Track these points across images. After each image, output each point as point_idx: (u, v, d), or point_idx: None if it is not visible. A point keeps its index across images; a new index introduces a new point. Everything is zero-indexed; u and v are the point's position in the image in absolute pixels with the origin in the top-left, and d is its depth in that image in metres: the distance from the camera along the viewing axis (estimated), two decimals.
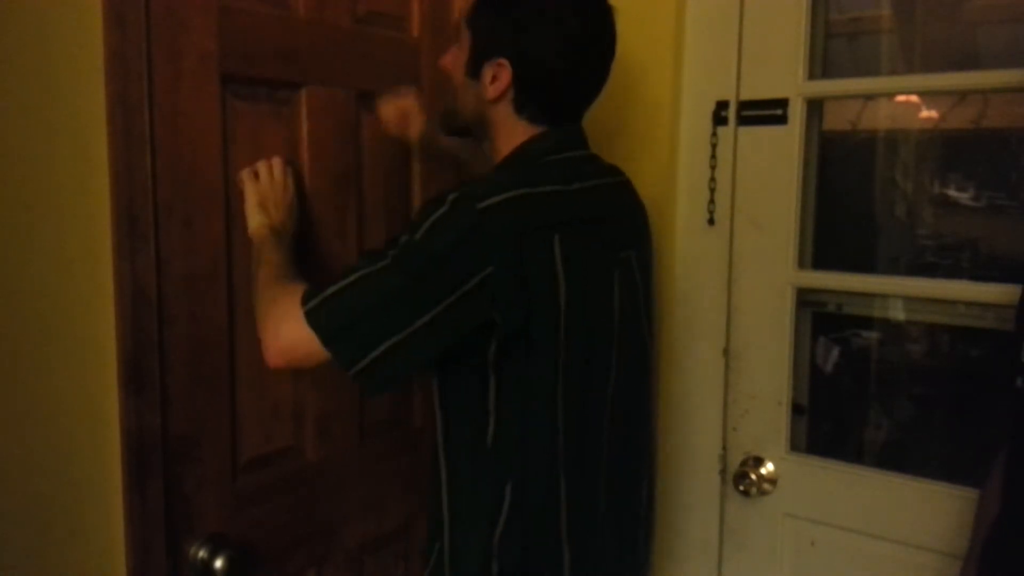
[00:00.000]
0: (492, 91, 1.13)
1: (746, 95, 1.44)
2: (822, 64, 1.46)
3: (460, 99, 1.19)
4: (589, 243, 1.11)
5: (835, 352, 1.83)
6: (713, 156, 1.47)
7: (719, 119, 1.47)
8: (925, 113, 1.43)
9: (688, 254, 1.54)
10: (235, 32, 1.16)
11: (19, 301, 1.18)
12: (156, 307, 1.10)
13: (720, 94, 1.46)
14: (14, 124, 1.14)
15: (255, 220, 1.17)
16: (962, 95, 1.39)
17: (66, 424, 1.15)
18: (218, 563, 1.15)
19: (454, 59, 1.19)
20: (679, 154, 1.52)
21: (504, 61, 1.11)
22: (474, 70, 1.15)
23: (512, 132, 1.15)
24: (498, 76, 1.12)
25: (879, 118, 1.53)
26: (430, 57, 1.46)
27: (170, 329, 1.12)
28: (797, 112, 1.40)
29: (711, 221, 1.49)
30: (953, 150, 1.46)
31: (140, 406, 1.09)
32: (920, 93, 1.34)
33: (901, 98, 1.49)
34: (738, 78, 1.45)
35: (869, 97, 1.54)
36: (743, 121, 1.45)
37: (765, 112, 1.43)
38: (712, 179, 1.47)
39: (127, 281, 1.07)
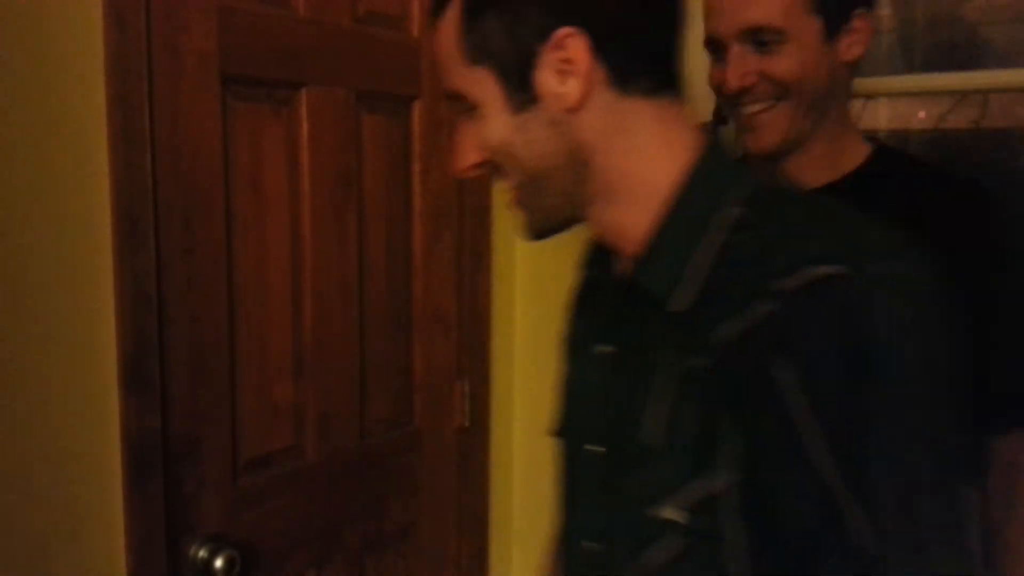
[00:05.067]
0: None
1: None
2: None
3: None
4: None
5: None
6: None
7: (720, 119, 1.47)
8: (925, 113, 1.42)
9: None
10: (235, 32, 1.16)
11: (19, 301, 1.18)
12: (156, 307, 1.10)
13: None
14: (14, 124, 1.14)
15: None
16: (962, 95, 1.39)
17: (66, 424, 1.15)
18: (218, 563, 1.15)
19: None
20: None
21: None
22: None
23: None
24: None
25: (879, 118, 1.53)
26: (430, 57, 1.46)
27: (170, 329, 1.12)
28: None
29: None
30: (953, 150, 1.46)
31: (140, 406, 1.09)
32: (920, 93, 1.34)
33: (900, 98, 1.49)
34: None
35: (869, 97, 1.54)
36: None
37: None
38: None
39: (127, 281, 1.07)
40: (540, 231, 0.72)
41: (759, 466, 0.59)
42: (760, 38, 0.99)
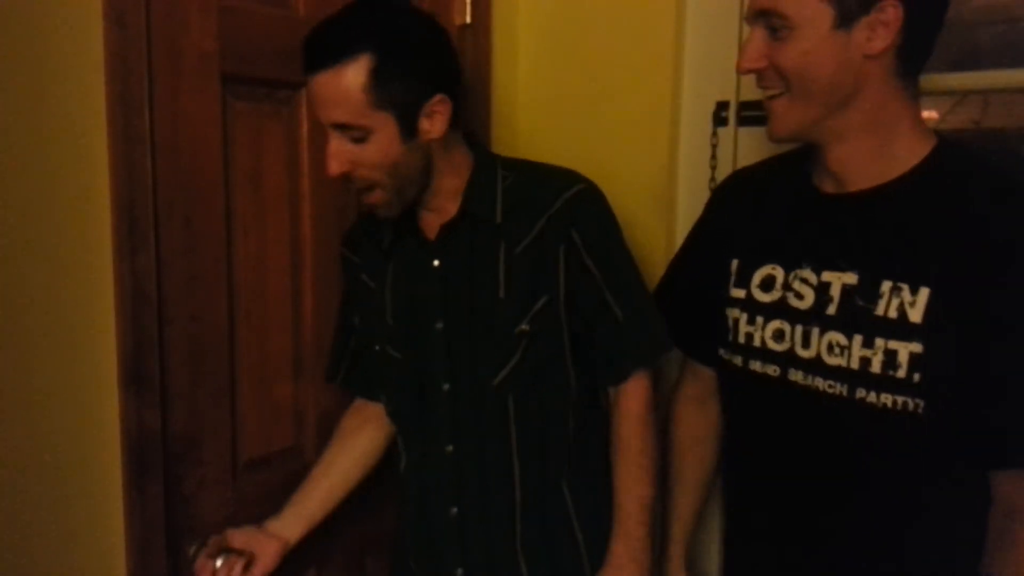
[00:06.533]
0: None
1: (746, 95, 1.43)
2: None
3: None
4: None
5: None
6: (713, 156, 1.47)
7: (719, 119, 1.47)
8: (925, 113, 1.43)
9: None
10: (235, 32, 1.16)
11: (19, 301, 1.18)
12: (156, 307, 1.10)
13: (720, 94, 1.46)
14: (14, 124, 1.14)
15: None
16: (962, 95, 1.39)
17: (66, 424, 1.15)
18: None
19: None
20: (679, 154, 1.52)
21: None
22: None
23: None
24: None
25: None
26: None
27: (170, 329, 1.12)
28: None
29: None
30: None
31: (140, 406, 1.09)
32: (920, 93, 1.34)
33: None
34: (738, 78, 1.44)
35: None
36: (743, 121, 1.45)
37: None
38: (712, 179, 1.47)
39: (127, 281, 1.07)
40: (397, 212, 1.15)
41: (568, 284, 1.16)
42: (771, 23, 0.97)
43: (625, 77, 1.51)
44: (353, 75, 1.04)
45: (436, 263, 1.19)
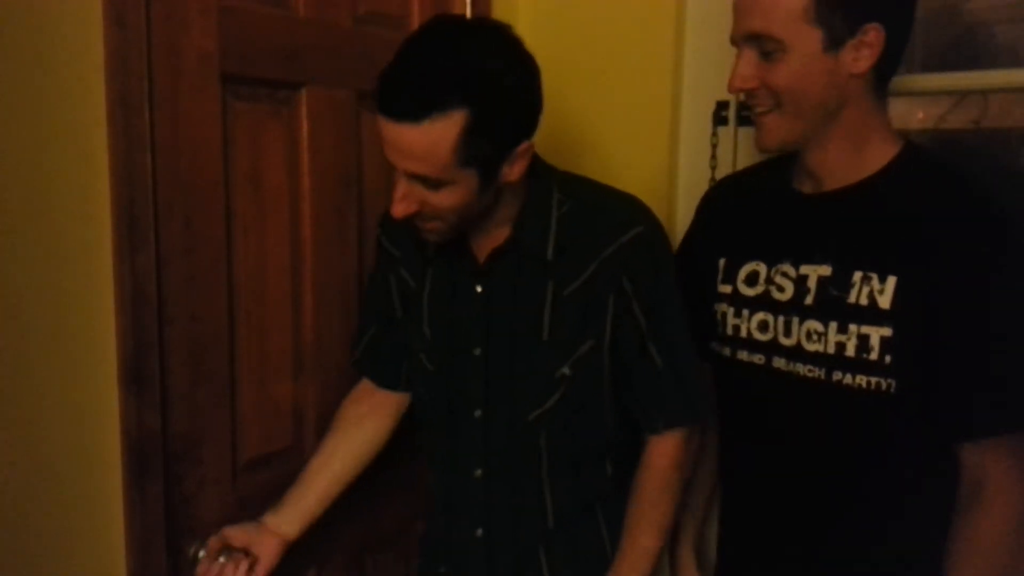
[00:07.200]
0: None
1: None
2: None
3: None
4: None
5: None
6: (713, 156, 1.48)
7: (719, 119, 1.47)
8: (925, 113, 1.43)
9: None
10: (235, 32, 1.16)
11: (19, 301, 1.18)
12: (156, 307, 1.10)
13: (720, 94, 1.46)
14: (14, 124, 1.14)
15: None
16: (962, 95, 1.39)
17: (66, 424, 1.15)
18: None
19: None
20: (679, 154, 1.52)
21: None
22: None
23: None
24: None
25: None
26: None
27: (170, 329, 1.12)
28: None
29: None
30: (953, 150, 1.46)
31: (140, 406, 1.09)
32: (920, 93, 1.34)
33: (900, 98, 1.49)
34: None
35: None
36: (743, 121, 1.45)
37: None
38: (712, 179, 1.47)
39: (127, 281, 1.07)
40: (447, 239, 1.10)
41: (616, 329, 1.12)
42: (763, 47, 1.02)
43: (625, 77, 1.51)
44: (443, 132, 0.94)
45: (479, 289, 1.15)
